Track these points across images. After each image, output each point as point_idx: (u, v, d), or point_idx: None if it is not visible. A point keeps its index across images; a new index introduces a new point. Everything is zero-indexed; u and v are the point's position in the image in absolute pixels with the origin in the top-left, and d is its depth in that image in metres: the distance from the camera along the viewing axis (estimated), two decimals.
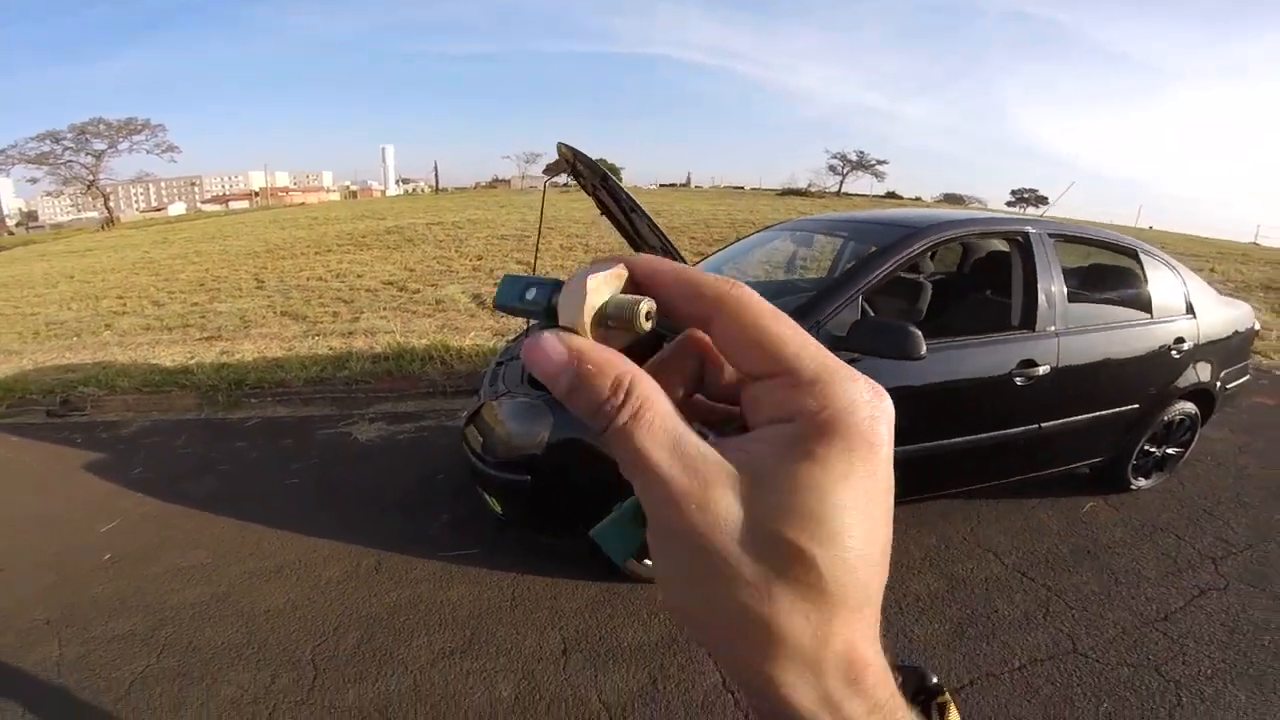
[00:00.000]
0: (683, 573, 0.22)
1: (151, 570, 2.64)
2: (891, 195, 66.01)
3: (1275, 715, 1.96)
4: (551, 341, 0.22)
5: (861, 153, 63.67)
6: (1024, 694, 2.03)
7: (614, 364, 0.22)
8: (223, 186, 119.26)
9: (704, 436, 0.23)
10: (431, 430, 4.07)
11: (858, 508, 0.21)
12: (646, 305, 0.23)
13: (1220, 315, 3.33)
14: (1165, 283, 3.14)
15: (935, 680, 0.28)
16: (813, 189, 58.41)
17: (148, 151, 41.75)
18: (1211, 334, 3.20)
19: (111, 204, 40.93)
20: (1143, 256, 3.16)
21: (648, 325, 0.24)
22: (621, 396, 0.22)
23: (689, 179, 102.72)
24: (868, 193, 63.44)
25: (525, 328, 3.54)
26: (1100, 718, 1.94)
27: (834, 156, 64.03)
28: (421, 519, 2.99)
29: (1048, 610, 2.43)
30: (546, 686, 2.03)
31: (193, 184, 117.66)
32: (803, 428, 0.21)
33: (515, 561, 2.65)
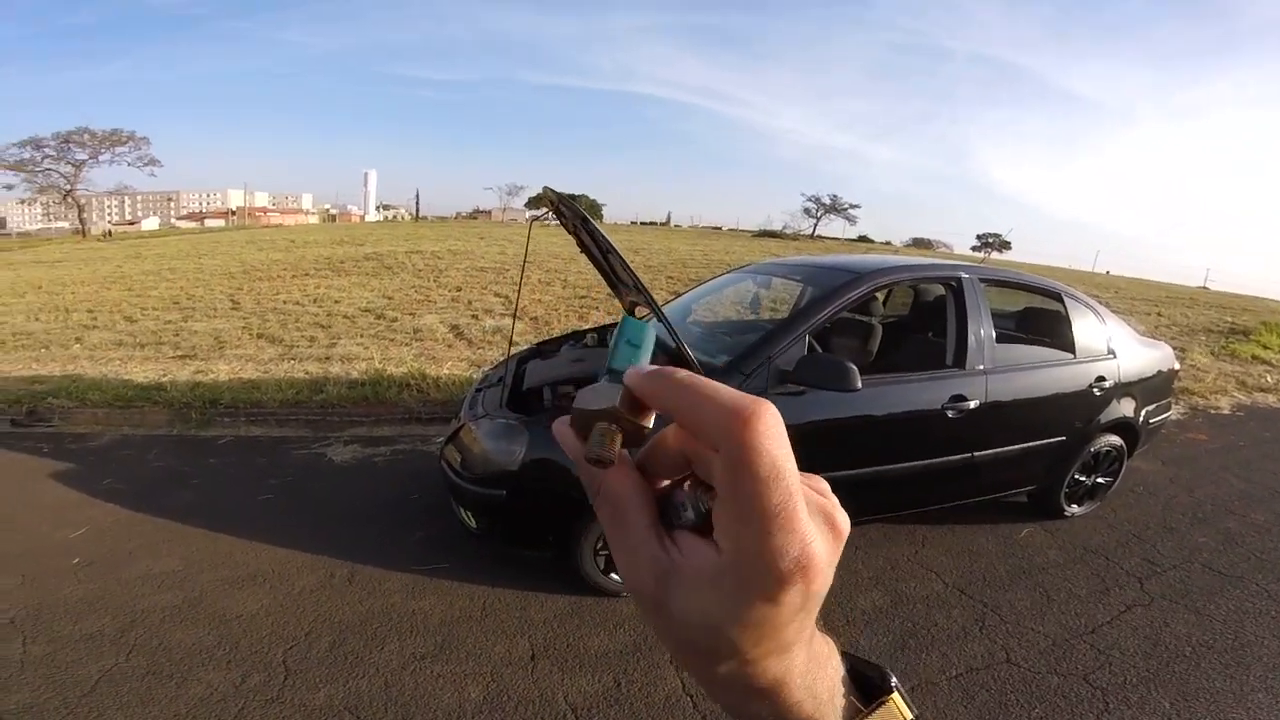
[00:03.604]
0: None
1: (121, 575, 2.67)
2: (863, 239, 68.03)
3: (1199, 719, 2.12)
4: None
5: (835, 196, 65.86)
6: (962, 700, 2.18)
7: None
8: (200, 203, 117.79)
9: (696, 505, 0.28)
10: (407, 454, 4.15)
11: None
12: (595, 453, 0.28)
13: (1140, 355, 3.63)
14: (1087, 325, 3.43)
15: (894, 681, 0.33)
16: (787, 231, 59.94)
17: (129, 164, 41.43)
18: (1132, 373, 3.49)
19: (85, 215, 40.15)
20: (1066, 300, 3.46)
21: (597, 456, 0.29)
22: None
23: (669, 218, 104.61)
24: (840, 235, 65.29)
25: (505, 356, 3.69)
26: None
27: (809, 199, 65.99)
28: (395, 535, 3.07)
29: (983, 624, 2.60)
30: (515, 689, 2.13)
31: (169, 199, 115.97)
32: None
33: (486, 575, 2.75)
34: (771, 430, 0.24)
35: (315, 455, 4.06)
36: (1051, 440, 3.23)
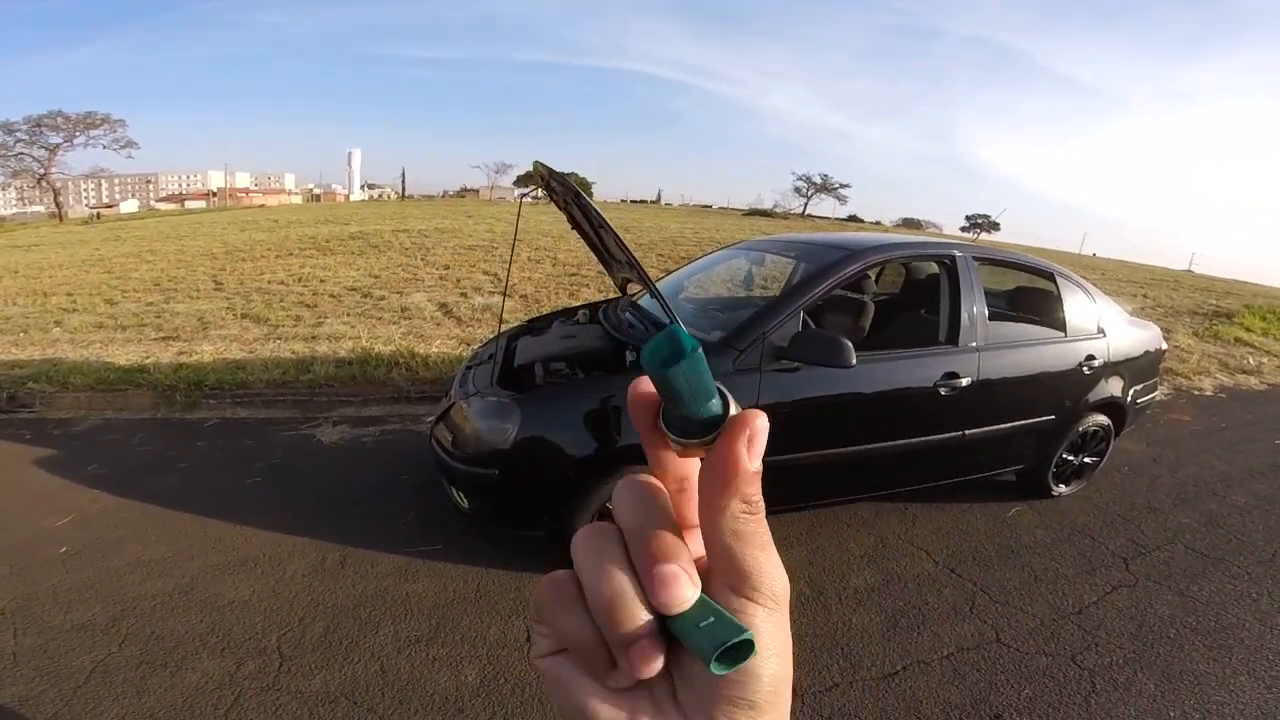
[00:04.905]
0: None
1: (111, 563, 2.63)
2: (853, 219, 67.77)
3: (1183, 701, 2.16)
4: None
5: (825, 176, 65.44)
6: (952, 679, 2.21)
7: None
8: (180, 185, 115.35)
9: None
10: (396, 434, 4.12)
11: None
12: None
13: (1129, 335, 3.66)
14: (1078, 305, 3.45)
15: None
16: (778, 210, 59.61)
17: (104, 147, 40.50)
18: (1121, 352, 3.51)
19: (61, 199, 39.33)
20: (1059, 280, 3.47)
21: None
22: None
23: (659, 196, 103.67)
24: (830, 215, 65.05)
25: (495, 334, 3.63)
26: (1022, 703, 2.12)
27: (799, 179, 65.61)
28: (386, 517, 3.05)
29: (974, 604, 2.64)
30: (511, 671, 2.14)
31: (148, 181, 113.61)
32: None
33: (479, 556, 2.75)
34: None
35: (303, 436, 4.02)
36: (1041, 419, 3.25)
